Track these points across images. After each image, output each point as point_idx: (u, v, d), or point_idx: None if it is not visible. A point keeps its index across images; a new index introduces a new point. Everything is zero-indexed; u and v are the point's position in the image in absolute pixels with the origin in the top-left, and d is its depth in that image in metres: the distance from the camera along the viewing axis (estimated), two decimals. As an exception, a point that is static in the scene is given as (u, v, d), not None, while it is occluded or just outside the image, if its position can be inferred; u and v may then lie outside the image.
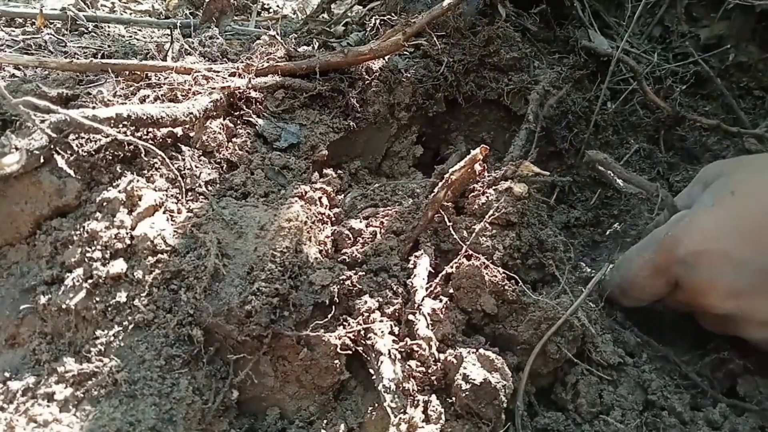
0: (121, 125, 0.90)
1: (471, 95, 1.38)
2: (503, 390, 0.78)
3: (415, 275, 0.89)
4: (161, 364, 0.78)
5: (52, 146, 0.85)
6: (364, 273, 0.91)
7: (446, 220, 0.96)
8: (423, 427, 0.77)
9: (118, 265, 0.82)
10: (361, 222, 1.01)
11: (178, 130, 1.02)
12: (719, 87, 1.45)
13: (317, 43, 1.39)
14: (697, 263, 0.86)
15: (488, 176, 1.01)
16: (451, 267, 0.91)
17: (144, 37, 1.54)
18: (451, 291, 0.90)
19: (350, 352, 0.83)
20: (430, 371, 0.82)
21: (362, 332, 0.84)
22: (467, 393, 0.78)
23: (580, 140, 1.40)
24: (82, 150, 0.89)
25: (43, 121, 0.82)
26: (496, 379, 0.78)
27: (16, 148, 0.81)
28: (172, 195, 0.93)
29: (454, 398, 0.80)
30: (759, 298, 0.83)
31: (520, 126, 1.41)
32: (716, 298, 0.86)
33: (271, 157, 1.08)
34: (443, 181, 0.98)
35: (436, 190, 0.98)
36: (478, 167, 1.00)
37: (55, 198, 0.87)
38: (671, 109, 1.38)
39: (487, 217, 0.94)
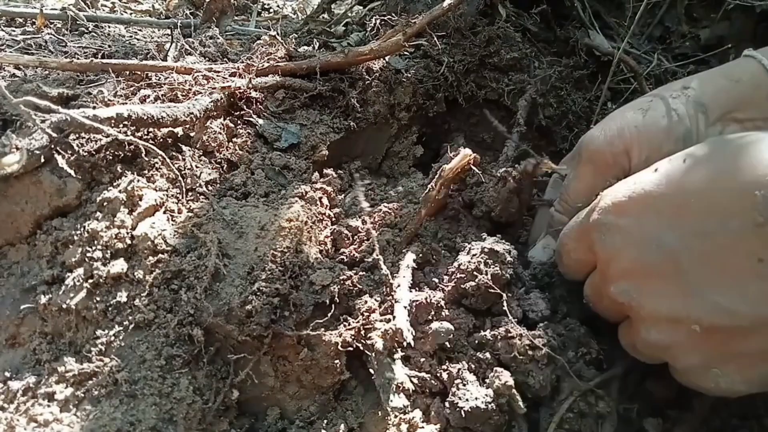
0: (121, 125, 0.90)
1: (471, 95, 1.38)
2: (498, 411, 0.78)
3: (396, 287, 0.87)
4: (162, 364, 0.78)
5: (52, 146, 0.85)
6: (364, 273, 0.91)
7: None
8: (423, 427, 0.77)
9: (119, 265, 0.82)
10: (358, 221, 1.01)
11: (179, 130, 1.02)
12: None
13: (317, 43, 1.39)
14: (610, 227, 0.74)
15: (499, 172, 1.01)
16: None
17: (144, 37, 1.54)
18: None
19: (351, 349, 0.83)
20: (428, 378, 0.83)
21: (362, 332, 0.84)
22: (461, 417, 0.77)
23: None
24: (83, 150, 0.89)
25: (43, 121, 0.83)
26: (490, 400, 0.77)
27: (17, 148, 0.81)
28: (172, 195, 0.93)
29: (449, 416, 0.79)
30: (652, 282, 0.70)
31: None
32: (614, 271, 0.74)
33: (272, 157, 1.08)
34: (436, 177, 0.97)
35: (429, 186, 0.98)
36: (472, 165, 1.00)
37: (55, 198, 0.87)
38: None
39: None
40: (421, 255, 0.95)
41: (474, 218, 1.03)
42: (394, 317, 0.81)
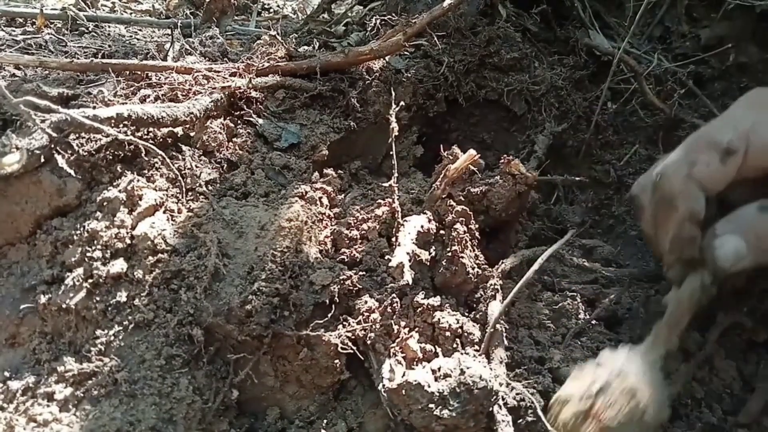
0: (121, 125, 0.90)
1: (471, 95, 1.38)
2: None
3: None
4: (161, 364, 0.78)
5: (52, 146, 0.85)
6: (364, 273, 0.91)
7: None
8: None
9: (119, 265, 0.82)
10: (358, 220, 1.00)
11: (179, 130, 1.02)
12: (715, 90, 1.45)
13: (317, 43, 1.39)
14: None
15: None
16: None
17: (144, 37, 1.54)
18: None
19: (351, 351, 0.83)
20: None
21: (362, 332, 0.84)
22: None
23: (581, 140, 1.40)
24: (83, 150, 0.89)
25: (43, 121, 0.83)
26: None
27: (17, 148, 0.81)
28: (172, 195, 0.93)
29: None
30: None
31: (520, 126, 1.42)
32: None
33: (272, 157, 1.08)
34: (441, 176, 0.98)
35: (434, 186, 0.98)
36: (473, 167, 1.00)
37: (55, 197, 0.87)
38: (669, 110, 1.38)
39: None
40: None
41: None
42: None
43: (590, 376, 0.74)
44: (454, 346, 0.85)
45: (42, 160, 0.84)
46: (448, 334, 0.84)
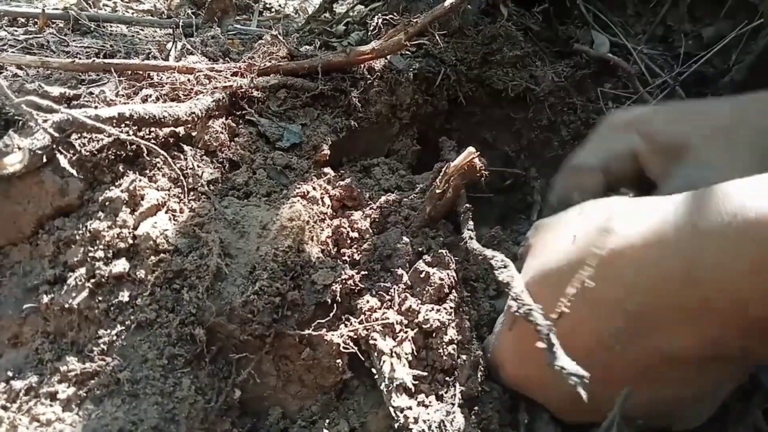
0: (123, 125, 0.90)
1: (473, 94, 1.38)
2: None
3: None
4: (164, 364, 0.78)
5: (54, 146, 0.85)
6: (366, 273, 0.91)
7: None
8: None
9: (121, 265, 0.82)
10: (360, 219, 1.00)
11: (181, 130, 1.02)
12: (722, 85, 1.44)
13: (319, 43, 1.39)
14: None
15: None
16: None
17: (146, 37, 1.54)
18: None
19: (353, 350, 0.83)
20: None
21: (364, 331, 0.84)
22: None
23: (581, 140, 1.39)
24: (85, 150, 0.89)
25: (45, 121, 0.83)
26: None
27: (19, 148, 0.81)
28: (174, 194, 0.93)
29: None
30: None
31: (521, 125, 1.42)
32: None
33: (274, 157, 1.08)
34: (441, 174, 0.97)
35: (434, 184, 0.98)
36: (478, 162, 0.99)
37: (57, 197, 0.87)
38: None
39: None
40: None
41: None
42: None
43: None
44: None
45: (44, 160, 0.85)
46: None
